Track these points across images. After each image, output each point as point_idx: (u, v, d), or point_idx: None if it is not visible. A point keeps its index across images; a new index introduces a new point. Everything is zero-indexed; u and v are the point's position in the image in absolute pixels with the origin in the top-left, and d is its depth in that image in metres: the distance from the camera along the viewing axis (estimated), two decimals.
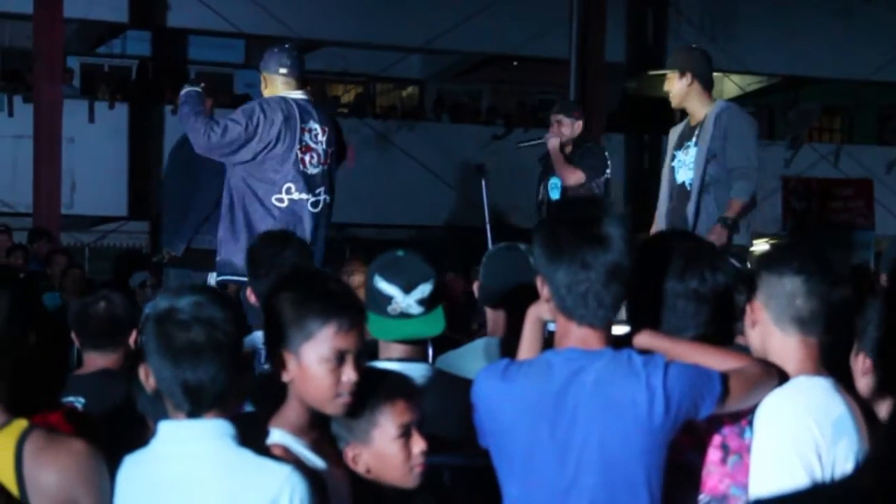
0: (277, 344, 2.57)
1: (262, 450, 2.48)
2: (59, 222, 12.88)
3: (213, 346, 2.40)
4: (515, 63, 18.10)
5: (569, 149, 7.40)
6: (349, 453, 2.66)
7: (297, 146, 5.98)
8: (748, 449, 2.57)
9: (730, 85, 19.05)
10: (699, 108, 6.10)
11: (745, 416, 2.60)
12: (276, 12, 14.94)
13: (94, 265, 15.35)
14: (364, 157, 16.19)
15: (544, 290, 2.60)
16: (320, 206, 6.09)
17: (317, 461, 2.59)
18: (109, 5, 14.83)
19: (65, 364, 3.32)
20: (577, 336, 2.55)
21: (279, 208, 5.97)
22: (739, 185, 5.92)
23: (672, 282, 2.70)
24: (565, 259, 2.51)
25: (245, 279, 5.00)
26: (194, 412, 2.42)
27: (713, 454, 2.62)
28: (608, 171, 7.39)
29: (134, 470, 2.47)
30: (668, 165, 6.27)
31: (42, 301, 7.85)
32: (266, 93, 6.10)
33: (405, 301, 3.24)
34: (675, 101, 6.15)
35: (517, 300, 3.38)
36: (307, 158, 6.03)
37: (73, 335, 3.86)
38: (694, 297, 2.70)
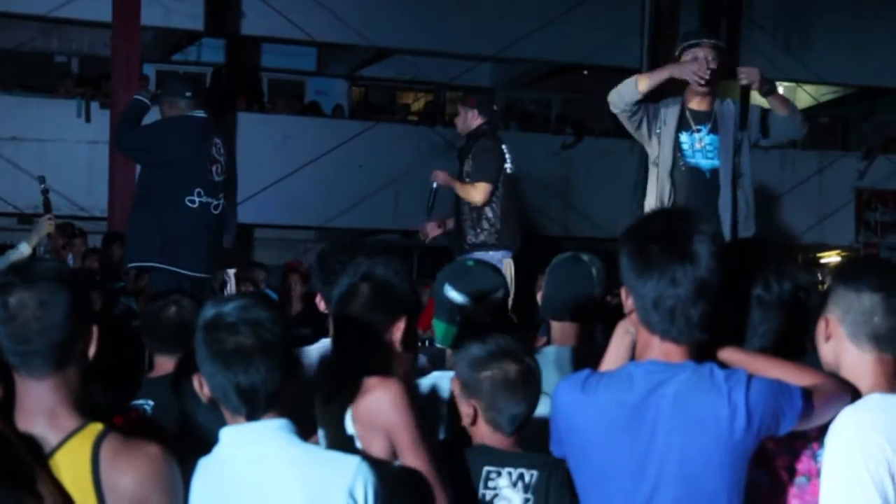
0: None
1: None
2: None
3: (262, 346, 2.41)
4: (586, 72, 17.99)
5: (463, 142, 7.40)
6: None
7: (208, 157, 6.91)
8: (818, 473, 2.52)
9: (803, 95, 18.78)
10: (712, 99, 5.88)
11: (815, 439, 2.55)
12: (349, 20, 15.01)
13: None
14: (433, 165, 16.18)
15: (628, 302, 2.57)
16: (220, 209, 7.00)
17: None
18: (186, 14, 15.01)
19: (138, 368, 3.36)
20: (658, 349, 2.53)
21: (191, 209, 6.81)
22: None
23: (737, 289, 2.64)
24: (654, 274, 2.48)
25: (154, 265, 6.68)
26: (252, 415, 2.44)
27: (780, 475, 2.57)
28: (507, 164, 7.29)
29: (208, 474, 2.49)
30: (671, 150, 5.77)
31: (115, 305, 7.96)
32: (169, 114, 7.00)
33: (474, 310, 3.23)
34: (707, 91, 5.84)
35: (580, 312, 3.37)
36: (214, 169, 6.96)
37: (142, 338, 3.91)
38: (758, 305, 2.66)
